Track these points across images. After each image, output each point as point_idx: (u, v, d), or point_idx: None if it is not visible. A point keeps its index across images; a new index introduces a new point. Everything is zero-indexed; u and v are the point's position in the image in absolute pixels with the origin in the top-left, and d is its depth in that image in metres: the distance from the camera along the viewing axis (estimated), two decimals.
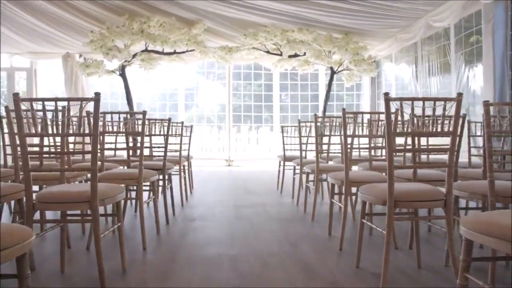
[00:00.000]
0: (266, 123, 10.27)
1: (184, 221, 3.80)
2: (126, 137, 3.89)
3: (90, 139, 2.01)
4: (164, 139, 3.72)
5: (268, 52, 8.10)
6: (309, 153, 5.06)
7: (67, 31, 7.37)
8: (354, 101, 10.15)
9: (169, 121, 3.83)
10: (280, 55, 8.02)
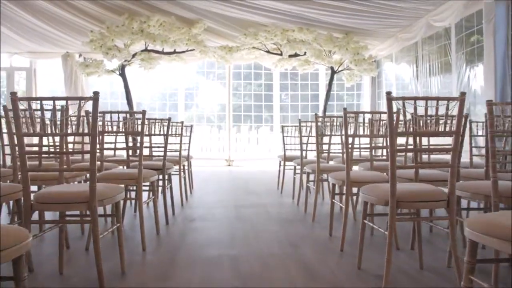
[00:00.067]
0: (266, 123, 10.25)
1: (184, 221, 3.78)
2: (125, 137, 3.87)
3: (89, 139, 1.99)
4: (164, 139, 3.70)
5: (268, 51, 8.08)
6: (309, 153, 5.04)
7: (67, 30, 7.35)
8: (355, 101, 10.13)
9: (169, 121, 3.81)
10: (280, 54, 8.00)
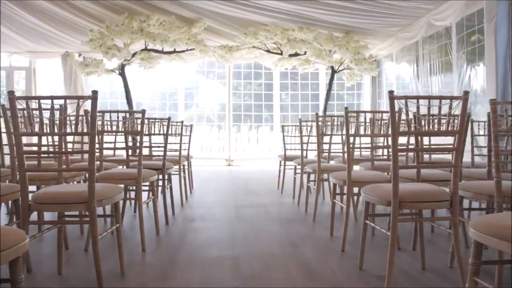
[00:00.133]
0: (266, 123, 10.22)
1: (184, 221, 3.76)
2: (125, 136, 3.84)
3: (88, 138, 1.97)
4: (164, 138, 3.68)
5: (268, 51, 8.05)
6: (309, 152, 5.01)
7: (66, 30, 7.32)
8: (355, 100, 10.11)
9: (169, 120, 3.79)
10: (281, 54, 7.97)
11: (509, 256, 1.88)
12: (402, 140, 4.80)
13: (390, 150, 4.01)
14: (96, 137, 2.87)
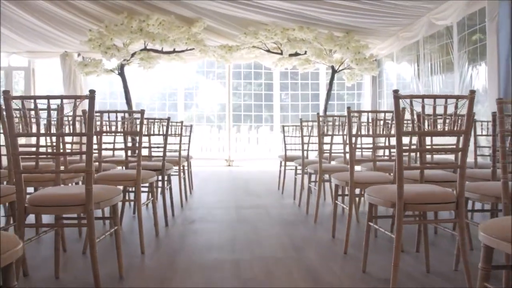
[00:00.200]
0: (266, 123, 10.18)
1: (183, 223, 3.71)
2: (124, 137, 3.79)
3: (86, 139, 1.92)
4: (163, 139, 3.63)
5: (268, 51, 8.01)
6: (310, 153, 4.97)
7: (65, 29, 7.28)
8: (355, 100, 10.07)
9: (168, 121, 3.74)
10: (281, 54, 7.93)
11: None
12: (404, 140, 4.76)
13: (392, 150, 3.97)
14: (95, 137, 2.83)
